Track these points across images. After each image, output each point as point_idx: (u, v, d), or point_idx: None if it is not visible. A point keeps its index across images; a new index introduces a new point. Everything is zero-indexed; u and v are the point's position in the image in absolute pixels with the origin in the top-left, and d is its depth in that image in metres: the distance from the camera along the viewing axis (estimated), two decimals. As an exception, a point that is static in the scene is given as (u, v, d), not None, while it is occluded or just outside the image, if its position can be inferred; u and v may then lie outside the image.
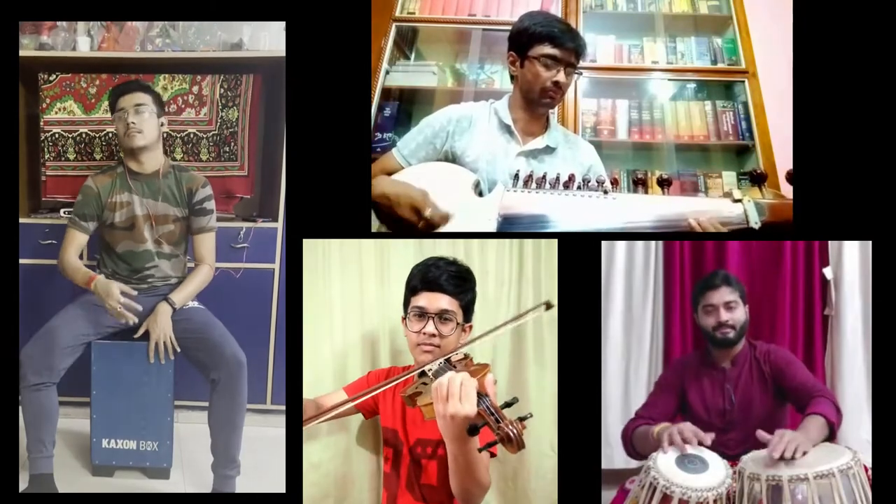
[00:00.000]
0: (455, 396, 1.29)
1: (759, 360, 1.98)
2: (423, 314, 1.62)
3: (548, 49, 1.86)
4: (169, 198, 2.23)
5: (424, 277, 1.64)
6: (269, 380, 2.55)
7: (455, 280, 1.64)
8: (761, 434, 1.71)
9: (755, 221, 1.65)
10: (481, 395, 1.32)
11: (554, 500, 1.89)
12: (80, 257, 2.27)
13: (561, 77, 1.87)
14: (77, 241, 2.22)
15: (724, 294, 1.95)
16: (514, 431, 1.26)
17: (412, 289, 1.66)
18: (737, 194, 1.70)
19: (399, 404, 1.69)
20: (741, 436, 1.91)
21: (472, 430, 1.29)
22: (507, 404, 1.33)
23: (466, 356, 1.54)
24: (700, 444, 1.74)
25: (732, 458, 1.78)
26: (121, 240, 2.22)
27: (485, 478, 1.42)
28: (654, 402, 2.04)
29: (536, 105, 1.94)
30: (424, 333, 1.60)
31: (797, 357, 2.16)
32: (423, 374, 1.49)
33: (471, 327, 1.67)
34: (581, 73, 2.07)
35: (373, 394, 1.57)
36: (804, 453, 1.64)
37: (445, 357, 1.51)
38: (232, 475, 2.10)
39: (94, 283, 2.13)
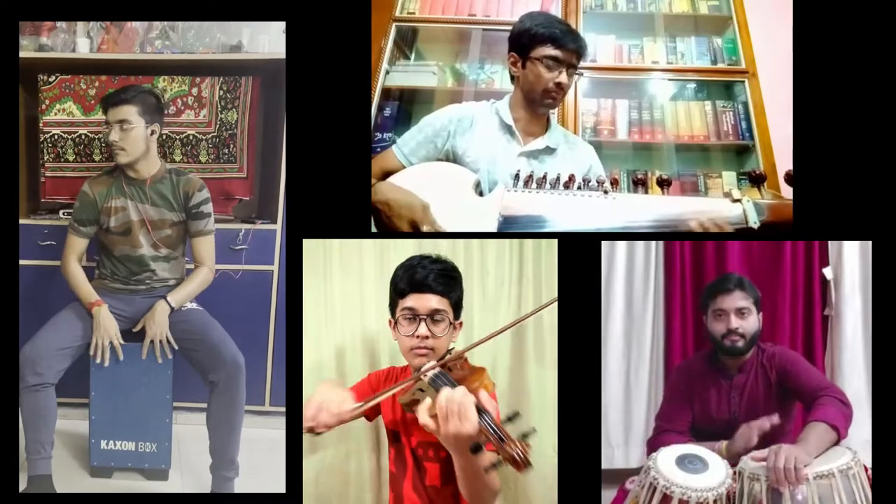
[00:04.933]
0: (454, 416, 1.29)
1: (765, 367, 1.94)
2: (414, 316, 1.58)
3: (550, 50, 1.86)
4: (165, 203, 2.22)
5: (411, 279, 1.60)
6: (267, 381, 2.54)
7: (443, 279, 1.60)
8: (755, 455, 1.69)
9: (754, 221, 1.65)
10: (481, 410, 1.31)
11: (554, 501, 1.88)
12: (80, 259, 2.25)
13: (563, 78, 1.87)
14: (77, 246, 2.23)
15: (737, 299, 1.91)
16: (520, 453, 1.26)
17: (399, 291, 1.62)
18: (736, 194, 1.70)
19: (399, 407, 1.66)
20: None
21: (476, 448, 1.28)
22: (509, 419, 1.32)
23: (461, 356, 1.52)
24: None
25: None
26: (117, 244, 2.22)
27: (495, 483, 1.41)
28: (672, 410, 2.01)
29: (538, 105, 1.94)
30: (417, 336, 1.57)
31: (797, 357, 2.15)
32: (418, 379, 1.46)
33: (461, 324, 1.64)
34: (582, 74, 2.07)
35: (375, 401, 1.54)
36: (805, 466, 1.60)
37: (441, 361, 1.48)
38: (230, 476, 2.10)
39: (98, 311, 2.13)
